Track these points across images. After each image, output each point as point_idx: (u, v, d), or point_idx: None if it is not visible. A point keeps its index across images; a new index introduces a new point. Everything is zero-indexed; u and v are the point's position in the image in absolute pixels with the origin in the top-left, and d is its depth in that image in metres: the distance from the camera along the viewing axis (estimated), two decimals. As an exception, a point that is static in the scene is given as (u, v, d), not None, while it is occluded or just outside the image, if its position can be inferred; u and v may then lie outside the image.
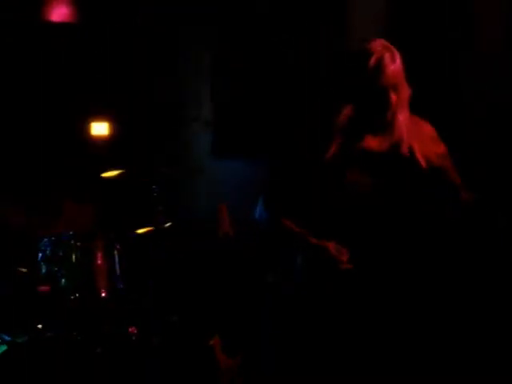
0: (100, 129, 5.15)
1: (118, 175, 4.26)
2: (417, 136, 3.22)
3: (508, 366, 3.61)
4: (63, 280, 3.74)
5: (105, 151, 5.16)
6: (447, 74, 4.48)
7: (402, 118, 3.15)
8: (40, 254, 3.79)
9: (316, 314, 3.18)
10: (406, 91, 3.15)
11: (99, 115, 5.18)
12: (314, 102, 4.47)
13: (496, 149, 4.20)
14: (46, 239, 3.80)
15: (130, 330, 3.73)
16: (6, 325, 3.75)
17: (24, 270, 3.78)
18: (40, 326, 3.65)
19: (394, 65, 3.10)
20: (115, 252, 3.88)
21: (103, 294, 3.75)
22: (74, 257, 3.78)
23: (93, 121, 5.12)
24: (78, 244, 3.80)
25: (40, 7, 5.20)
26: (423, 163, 3.18)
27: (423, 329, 3.22)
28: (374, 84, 3.10)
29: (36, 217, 4.18)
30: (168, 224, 4.13)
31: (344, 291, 3.16)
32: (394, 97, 3.10)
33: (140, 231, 4.16)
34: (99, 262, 3.82)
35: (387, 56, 3.09)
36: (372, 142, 3.19)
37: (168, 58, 5.42)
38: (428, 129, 3.27)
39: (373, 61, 3.07)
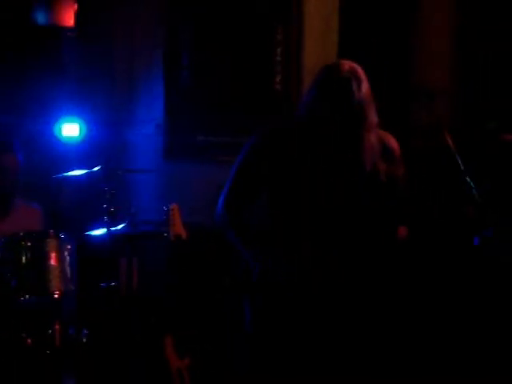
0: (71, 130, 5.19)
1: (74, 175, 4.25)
2: (382, 154, 3.26)
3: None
4: (13, 281, 3.70)
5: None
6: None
7: (370, 136, 3.18)
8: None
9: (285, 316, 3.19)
10: (372, 111, 3.19)
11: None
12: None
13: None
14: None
15: (81, 330, 3.72)
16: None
17: None
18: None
19: (359, 93, 3.14)
20: (66, 253, 3.85)
21: (56, 295, 3.72)
22: (24, 257, 3.75)
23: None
24: (29, 244, 3.76)
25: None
26: (386, 179, 3.23)
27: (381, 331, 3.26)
28: (342, 110, 3.13)
29: None
30: (121, 225, 4.13)
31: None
32: (361, 117, 3.13)
33: (92, 232, 4.15)
34: (51, 262, 3.78)
35: (354, 84, 3.13)
36: (344, 159, 3.20)
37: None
38: (394, 147, 3.31)
39: (339, 90, 3.11)
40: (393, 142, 3.29)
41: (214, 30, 5.21)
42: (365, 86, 3.16)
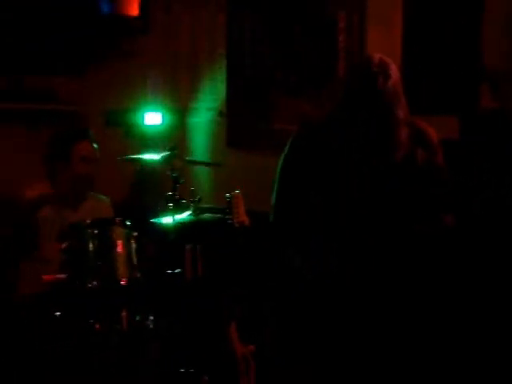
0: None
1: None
2: (420, 144, 3.25)
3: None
4: (81, 268, 3.75)
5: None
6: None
7: (403, 131, 3.17)
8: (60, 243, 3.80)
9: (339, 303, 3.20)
10: (401, 109, 3.17)
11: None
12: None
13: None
14: (65, 228, 3.81)
15: (148, 318, 3.75)
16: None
17: None
18: (58, 313, 3.66)
19: (386, 88, 3.12)
20: (133, 240, 3.89)
21: (123, 282, 3.76)
22: (91, 245, 3.79)
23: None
24: (96, 232, 3.81)
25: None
26: (424, 169, 3.21)
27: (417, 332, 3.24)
28: (369, 104, 3.13)
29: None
30: (185, 213, 4.15)
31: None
32: (398, 113, 3.12)
33: (158, 219, 4.18)
34: (118, 249, 3.83)
35: (380, 79, 3.12)
36: (376, 154, 3.20)
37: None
38: (431, 136, 3.29)
39: (365, 85, 3.11)
40: (430, 132, 3.29)
41: (276, 17, 5.20)
42: (392, 82, 3.14)
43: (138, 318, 3.76)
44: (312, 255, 3.28)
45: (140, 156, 4.30)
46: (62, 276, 3.74)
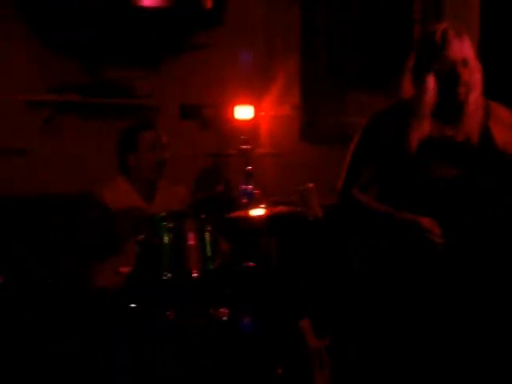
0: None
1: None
2: (494, 121, 3.18)
3: None
4: (155, 260, 3.79)
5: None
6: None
7: (474, 98, 3.12)
8: (134, 236, 3.84)
9: (404, 299, 3.16)
10: (477, 72, 3.12)
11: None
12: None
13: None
14: (139, 220, 3.85)
15: (220, 310, 3.77)
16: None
17: None
18: (133, 305, 3.71)
19: (460, 40, 3.08)
20: (206, 233, 3.91)
21: (195, 275, 3.78)
22: (165, 237, 3.82)
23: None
24: (170, 225, 3.84)
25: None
26: (501, 148, 3.15)
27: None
28: (442, 57, 3.09)
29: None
30: (259, 206, 4.16)
31: (434, 273, 3.14)
32: (464, 72, 3.07)
33: (232, 214, 4.20)
34: (191, 242, 3.86)
35: (451, 32, 3.08)
36: (448, 131, 3.16)
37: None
38: (506, 115, 3.22)
39: (438, 34, 3.08)
40: (503, 111, 3.20)
41: (350, 9, 5.17)
42: (466, 38, 3.11)
43: (211, 311, 3.78)
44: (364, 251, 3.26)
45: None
46: (138, 268, 3.78)
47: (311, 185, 4.15)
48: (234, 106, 5.28)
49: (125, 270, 3.83)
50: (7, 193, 4.96)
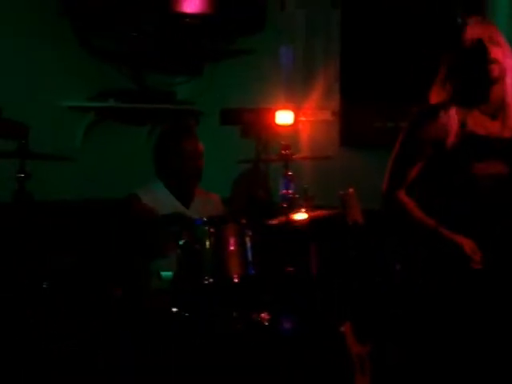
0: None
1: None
2: None
3: None
4: (197, 265, 3.81)
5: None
6: None
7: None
8: (175, 240, 3.86)
9: (439, 311, 3.15)
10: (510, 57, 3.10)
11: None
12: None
13: None
14: (180, 225, 3.87)
15: (261, 315, 3.78)
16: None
17: None
18: (175, 309, 3.73)
19: (483, 24, 3.07)
20: (247, 239, 3.92)
21: (235, 280, 3.80)
22: (207, 242, 3.84)
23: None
24: (211, 230, 3.86)
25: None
26: None
27: None
28: (465, 35, 3.08)
29: None
30: (299, 211, 4.17)
31: (470, 292, 3.11)
32: (493, 49, 3.06)
33: (272, 218, 4.22)
34: (232, 248, 3.87)
35: (473, 18, 3.08)
36: (492, 128, 3.14)
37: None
38: None
39: (459, 21, 3.07)
40: None
41: (391, 14, 5.15)
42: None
43: (252, 316, 3.80)
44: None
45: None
46: (179, 273, 3.80)
47: (351, 190, 4.16)
48: (274, 111, 5.29)
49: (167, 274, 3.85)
50: (51, 198, 5.02)
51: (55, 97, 5.58)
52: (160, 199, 4.34)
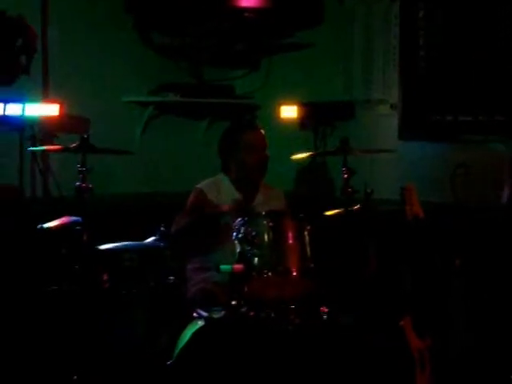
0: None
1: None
2: None
3: None
4: (256, 259, 3.81)
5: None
6: None
7: None
8: (234, 233, 3.87)
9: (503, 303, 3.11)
10: None
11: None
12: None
13: None
14: (239, 219, 3.88)
15: (321, 309, 3.78)
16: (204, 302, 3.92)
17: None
18: (234, 302, 3.74)
19: None
20: (306, 232, 3.92)
21: (294, 274, 3.79)
22: (266, 236, 3.85)
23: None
24: (271, 224, 3.86)
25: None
26: None
27: None
28: None
29: None
30: (357, 205, 4.16)
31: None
32: None
33: (329, 213, 4.21)
34: (290, 241, 3.87)
35: None
36: None
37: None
38: None
39: None
40: None
41: (450, 6, 5.11)
42: None
43: (310, 310, 3.79)
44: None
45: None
46: (240, 265, 3.81)
47: (411, 184, 4.12)
48: (332, 104, 5.30)
49: (238, 267, 3.83)
50: (112, 191, 5.09)
51: (116, 92, 5.65)
52: (224, 193, 4.35)
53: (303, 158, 4.54)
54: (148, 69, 5.75)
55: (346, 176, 4.17)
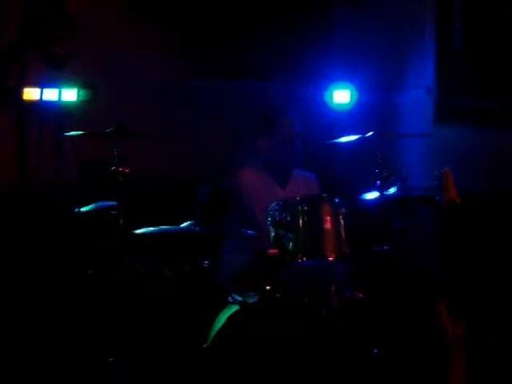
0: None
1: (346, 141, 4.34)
2: None
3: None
4: (291, 244, 3.82)
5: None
6: None
7: None
8: (269, 219, 3.88)
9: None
10: None
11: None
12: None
13: None
14: (274, 203, 3.89)
15: (356, 293, 3.78)
16: (239, 286, 3.93)
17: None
18: (268, 287, 3.75)
19: None
20: (341, 216, 3.91)
21: (331, 258, 3.79)
22: (301, 221, 3.85)
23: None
24: (305, 208, 3.86)
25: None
26: None
27: None
28: None
29: None
30: (392, 189, 4.14)
31: None
32: None
33: (365, 196, 4.20)
34: (326, 226, 3.86)
35: None
36: None
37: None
38: None
39: None
40: None
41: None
42: None
43: (346, 294, 3.80)
44: None
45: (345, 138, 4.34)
46: (275, 251, 3.82)
47: (447, 169, 4.10)
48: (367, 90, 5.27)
49: (274, 251, 3.84)
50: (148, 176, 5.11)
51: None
52: (258, 179, 4.35)
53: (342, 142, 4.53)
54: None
55: (381, 160, 4.17)
